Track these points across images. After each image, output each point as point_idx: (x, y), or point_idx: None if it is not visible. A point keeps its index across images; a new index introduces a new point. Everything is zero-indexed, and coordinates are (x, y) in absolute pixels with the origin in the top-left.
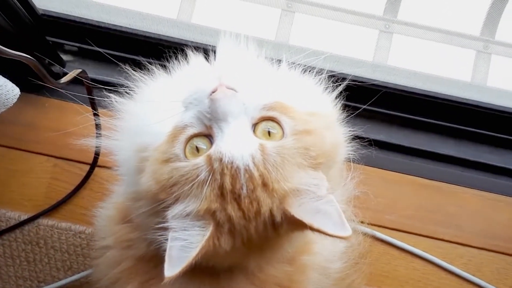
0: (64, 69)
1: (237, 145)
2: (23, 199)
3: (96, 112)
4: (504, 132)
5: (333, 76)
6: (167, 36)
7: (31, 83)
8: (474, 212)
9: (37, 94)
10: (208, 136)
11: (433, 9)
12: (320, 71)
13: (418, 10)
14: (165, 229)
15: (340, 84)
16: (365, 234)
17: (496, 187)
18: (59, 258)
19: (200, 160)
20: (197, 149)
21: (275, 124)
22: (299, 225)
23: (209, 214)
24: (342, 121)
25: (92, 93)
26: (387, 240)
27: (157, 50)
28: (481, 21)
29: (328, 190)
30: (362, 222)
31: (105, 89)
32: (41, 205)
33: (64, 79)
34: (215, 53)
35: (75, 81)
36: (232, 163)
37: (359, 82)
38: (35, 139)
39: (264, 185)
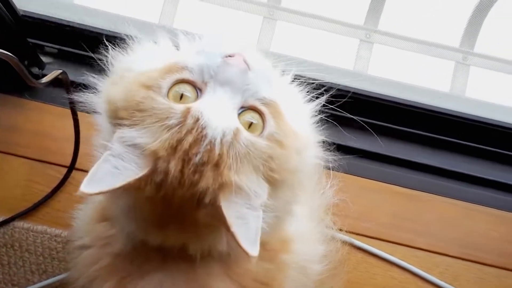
0: (43, 71)
1: (218, 115)
2: None
3: (75, 114)
4: (480, 142)
5: (313, 83)
6: None
7: (10, 85)
8: (450, 221)
9: (16, 96)
10: (198, 90)
11: (413, 20)
12: (301, 79)
13: (398, 21)
14: (105, 147)
15: (321, 92)
16: (343, 241)
17: (472, 196)
18: (34, 261)
19: (178, 107)
20: (181, 96)
21: (260, 119)
22: (219, 218)
23: (152, 158)
24: (320, 147)
25: (72, 95)
26: (364, 248)
27: None
28: (461, 32)
29: (262, 205)
30: (340, 229)
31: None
32: (17, 207)
33: (45, 79)
34: None
35: (54, 84)
36: (204, 128)
37: (339, 90)
38: (13, 141)
39: (217, 165)
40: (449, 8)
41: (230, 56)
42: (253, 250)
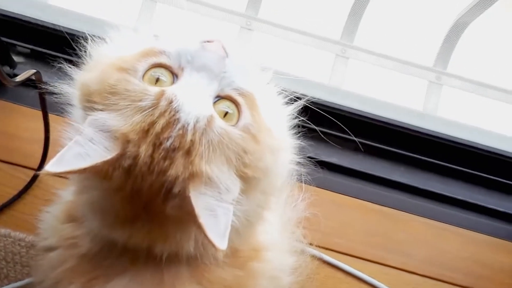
0: (14, 71)
1: (192, 100)
2: None
3: (46, 115)
4: (452, 162)
5: (288, 95)
6: None
7: None
8: (422, 240)
9: None
10: (174, 75)
11: (389, 37)
12: (280, 91)
13: (374, 38)
14: (77, 129)
15: (297, 105)
16: (312, 256)
17: (444, 216)
18: None
19: (152, 89)
20: (157, 80)
21: (235, 109)
22: (187, 211)
23: (122, 141)
24: (295, 148)
25: (44, 95)
26: (334, 263)
27: None
28: (435, 52)
29: (233, 201)
30: (310, 244)
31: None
32: None
33: (19, 78)
34: None
35: (25, 84)
36: (176, 112)
37: (314, 103)
38: None
39: (188, 152)
40: (424, 28)
41: (208, 41)
42: (221, 243)
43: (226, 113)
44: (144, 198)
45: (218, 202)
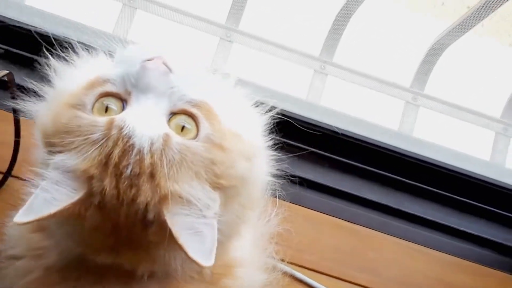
0: None
1: (143, 122)
2: None
3: (17, 118)
4: (425, 183)
5: (266, 108)
6: None
7: None
8: (392, 259)
9: None
10: (123, 101)
11: (368, 56)
12: (256, 104)
13: (354, 56)
14: (41, 176)
15: (272, 118)
16: (284, 272)
17: (414, 236)
18: None
19: (101, 120)
20: (107, 109)
21: (192, 122)
22: (169, 235)
23: (86, 178)
24: (270, 159)
25: (16, 98)
26: (305, 280)
27: None
28: (413, 73)
29: (215, 215)
30: (282, 260)
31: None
32: None
33: None
34: None
35: None
36: (129, 138)
37: (290, 118)
38: None
39: (151, 176)
40: (403, 49)
41: (148, 60)
42: (207, 260)
43: (183, 127)
44: (123, 230)
45: (199, 219)
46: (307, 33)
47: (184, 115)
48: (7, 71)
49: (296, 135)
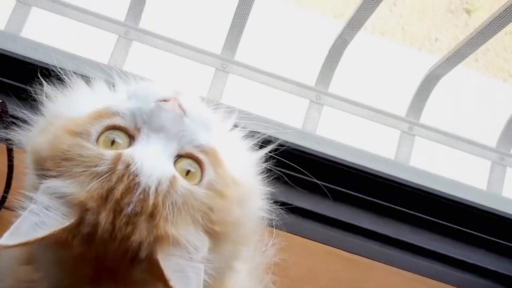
0: None
1: (151, 161)
2: None
3: (11, 148)
4: (422, 212)
5: (260, 137)
6: None
7: None
8: None
9: None
10: (131, 137)
11: (363, 86)
12: (252, 134)
13: (349, 87)
14: (31, 198)
15: (267, 146)
16: None
17: (413, 266)
18: None
19: (108, 153)
20: (112, 142)
21: (198, 167)
22: (156, 275)
23: (80, 209)
24: (265, 199)
25: (9, 127)
26: None
27: None
28: (408, 103)
29: (203, 259)
30: None
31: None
32: None
33: None
34: None
35: None
36: (136, 175)
37: (286, 147)
38: None
39: (151, 216)
40: (398, 80)
41: (164, 100)
42: None
43: (188, 171)
44: (108, 264)
45: (188, 262)
46: (303, 63)
47: (190, 159)
48: (0, 101)
49: (292, 165)
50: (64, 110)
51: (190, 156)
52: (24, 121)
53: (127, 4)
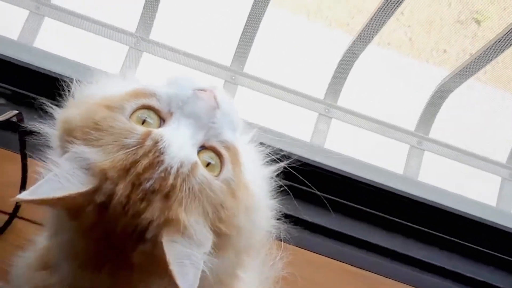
0: None
1: (178, 144)
2: None
3: (25, 158)
4: (432, 228)
5: (270, 155)
6: None
7: None
8: None
9: None
10: (162, 119)
11: (373, 101)
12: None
13: (358, 100)
14: (55, 163)
15: (276, 160)
16: None
17: (422, 282)
18: None
19: (140, 128)
20: (143, 122)
21: (218, 162)
22: (157, 257)
23: (100, 177)
24: (272, 214)
25: (24, 138)
26: None
27: None
28: (417, 117)
29: (205, 254)
30: None
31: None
32: None
33: (1, 118)
34: None
35: (5, 127)
36: (162, 153)
37: (294, 160)
38: None
39: (167, 196)
40: (408, 94)
41: (201, 90)
42: None
43: (208, 164)
44: (114, 241)
45: (190, 253)
46: (312, 76)
47: (212, 153)
48: (17, 111)
49: (300, 178)
50: (98, 91)
51: (213, 150)
52: (38, 132)
53: (138, 15)
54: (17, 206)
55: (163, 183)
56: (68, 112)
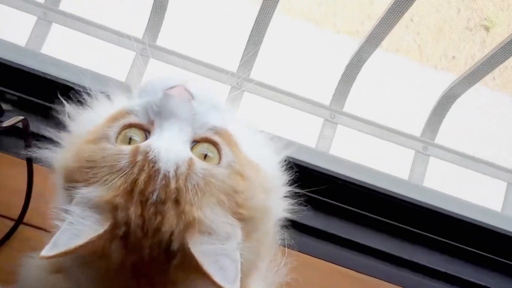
0: (0, 118)
1: (168, 147)
2: None
3: (31, 165)
4: (436, 234)
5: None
6: None
7: None
8: None
9: None
10: (146, 131)
11: (378, 106)
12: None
13: (364, 106)
14: (66, 211)
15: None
16: None
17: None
18: None
19: (127, 148)
20: (130, 141)
21: (215, 150)
22: (192, 265)
23: (111, 209)
24: (286, 195)
25: (30, 144)
26: None
27: None
28: (423, 123)
29: (238, 244)
30: None
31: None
32: None
33: (6, 123)
34: None
35: (11, 133)
36: (155, 162)
37: (299, 167)
38: None
39: (176, 202)
40: (414, 100)
41: (171, 87)
42: (232, 285)
43: (205, 156)
44: (145, 269)
45: (222, 248)
46: (318, 81)
47: (206, 143)
48: (22, 117)
49: (305, 184)
50: (84, 127)
51: (205, 140)
52: (46, 138)
53: (145, 21)
54: (23, 212)
55: (168, 190)
56: (62, 160)
